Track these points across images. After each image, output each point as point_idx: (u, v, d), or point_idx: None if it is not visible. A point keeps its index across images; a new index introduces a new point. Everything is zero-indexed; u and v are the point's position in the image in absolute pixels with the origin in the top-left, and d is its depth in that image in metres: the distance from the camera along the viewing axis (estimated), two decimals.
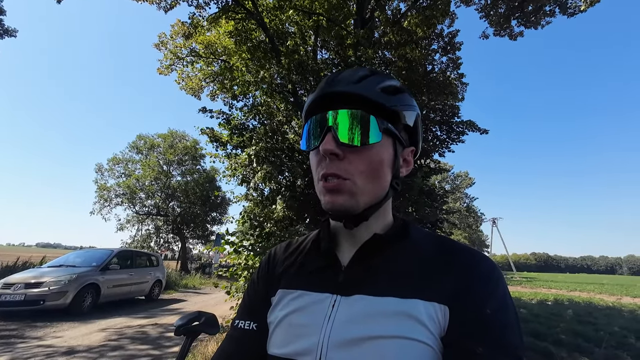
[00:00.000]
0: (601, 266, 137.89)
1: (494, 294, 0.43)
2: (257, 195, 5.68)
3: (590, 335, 5.28)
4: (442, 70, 7.85)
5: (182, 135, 21.52)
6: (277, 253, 0.62)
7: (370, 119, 0.47)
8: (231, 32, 7.55)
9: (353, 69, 0.53)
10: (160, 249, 22.03)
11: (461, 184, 45.90)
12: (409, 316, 0.42)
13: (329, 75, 0.53)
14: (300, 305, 0.50)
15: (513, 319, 0.42)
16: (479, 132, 6.57)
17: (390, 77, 0.53)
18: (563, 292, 16.05)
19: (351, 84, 0.48)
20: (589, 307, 9.64)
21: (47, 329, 4.97)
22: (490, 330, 0.40)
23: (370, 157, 0.47)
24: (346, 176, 0.46)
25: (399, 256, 0.50)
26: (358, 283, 0.48)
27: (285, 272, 0.57)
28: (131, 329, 5.29)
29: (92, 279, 6.60)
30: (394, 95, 0.50)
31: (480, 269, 0.46)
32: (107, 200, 19.62)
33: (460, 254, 0.48)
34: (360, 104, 0.48)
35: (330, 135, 0.47)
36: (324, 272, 0.52)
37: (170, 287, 11.27)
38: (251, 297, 0.59)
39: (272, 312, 0.53)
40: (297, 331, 0.47)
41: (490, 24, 7.25)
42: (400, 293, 0.44)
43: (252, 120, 5.72)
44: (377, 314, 0.43)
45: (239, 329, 0.55)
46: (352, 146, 0.46)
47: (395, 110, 0.49)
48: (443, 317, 0.42)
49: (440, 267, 0.47)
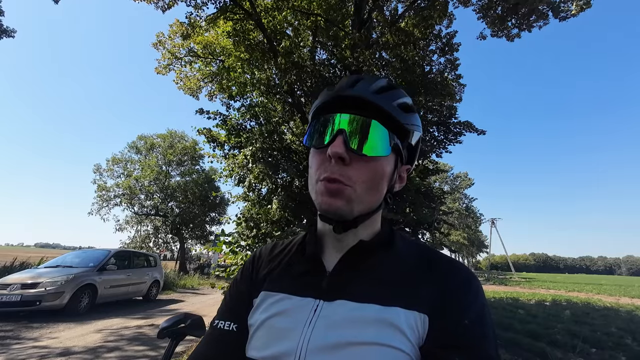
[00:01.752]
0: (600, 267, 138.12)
1: (473, 305, 0.44)
2: (254, 196, 5.68)
3: (587, 336, 5.29)
4: (439, 71, 7.86)
5: (181, 136, 21.53)
6: (262, 254, 0.62)
7: (384, 131, 0.48)
8: (229, 32, 7.55)
9: (372, 76, 0.53)
10: (159, 249, 22.01)
11: (460, 185, 45.96)
12: (389, 324, 0.42)
13: (348, 77, 0.53)
14: (282, 309, 0.49)
15: (490, 330, 0.43)
16: (477, 133, 6.58)
17: (405, 94, 0.53)
18: (561, 293, 16.07)
19: (371, 92, 0.48)
20: (587, 307, 9.65)
21: (43, 329, 4.95)
22: (467, 341, 0.41)
23: (374, 168, 0.48)
24: (348, 183, 0.46)
25: (383, 264, 0.50)
26: (341, 288, 0.48)
27: (269, 274, 0.56)
28: (128, 329, 5.27)
29: (89, 279, 6.58)
30: (407, 114, 0.51)
31: (460, 280, 0.47)
32: (105, 201, 19.60)
33: (442, 264, 0.49)
34: (376, 115, 0.48)
35: (341, 138, 0.46)
36: (308, 277, 0.52)
37: (169, 288, 11.25)
38: (233, 297, 0.58)
39: (253, 314, 0.53)
40: (277, 334, 0.47)
41: (487, 24, 7.26)
42: (382, 300, 0.45)
43: (250, 121, 5.71)
44: (358, 320, 0.43)
45: (218, 329, 0.54)
46: (360, 154, 0.47)
47: (407, 129, 0.51)
48: (422, 326, 0.43)
49: (422, 276, 0.47)
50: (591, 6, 5.80)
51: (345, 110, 0.49)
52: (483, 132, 6.56)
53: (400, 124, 0.49)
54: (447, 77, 7.44)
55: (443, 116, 6.42)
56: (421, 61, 7.06)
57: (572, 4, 6.04)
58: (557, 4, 6.08)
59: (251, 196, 5.74)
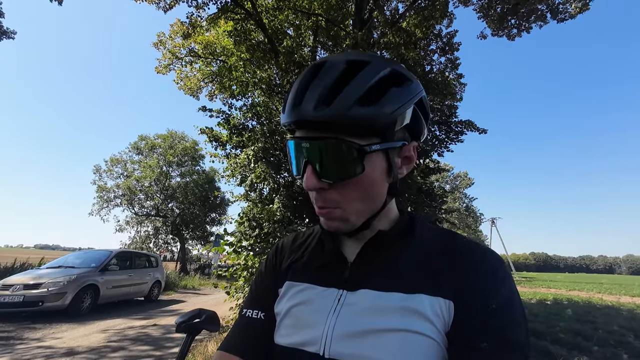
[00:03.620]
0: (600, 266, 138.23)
1: (500, 290, 0.43)
2: (256, 195, 5.68)
3: (589, 334, 5.30)
4: (440, 71, 7.88)
5: (182, 136, 21.51)
6: (285, 246, 0.63)
7: (348, 150, 0.42)
8: (230, 32, 7.58)
9: (326, 69, 0.44)
10: (159, 250, 21.99)
11: (460, 184, 45.99)
12: (414, 311, 0.42)
13: (298, 82, 0.46)
14: (307, 298, 0.50)
15: (519, 316, 0.42)
16: (478, 132, 6.60)
17: (375, 66, 0.44)
18: (562, 292, 16.08)
19: (318, 107, 0.41)
20: (588, 306, 9.66)
21: (46, 330, 4.95)
22: (495, 326, 0.40)
23: (357, 184, 0.44)
24: (336, 206, 0.45)
25: (405, 252, 0.49)
26: (364, 279, 0.48)
27: (292, 265, 0.57)
28: (131, 329, 5.27)
29: (91, 279, 6.58)
30: (380, 103, 0.42)
31: (486, 264, 0.45)
32: (106, 201, 19.59)
33: (467, 249, 0.47)
34: (337, 130, 0.42)
35: (310, 170, 0.44)
36: (330, 268, 0.52)
37: (170, 288, 11.25)
38: (259, 287, 0.60)
39: (278, 303, 0.54)
40: (302, 322, 0.48)
41: (488, 24, 7.28)
42: (405, 289, 0.44)
43: (252, 120, 5.72)
44: (382, 309, 0.43)
45: (247, 317, 0.56)
46: (333, 183, 0.44)
47: (383, 125, 0.43)
48: (448, 312, 0.42)
49: (446, 262, 0.46)
50: (589, 8, 5.83)
51: (304, 131, 0.44)
52: (484, 131, 6.57)
53: (370, 127, 0.42)
54: (448, 77, 7.46)
55: (445, 115, 6.44)
56: (422, 61, 7.08)
57: (571, 5, 6.07)
58: (555, 5, 6.10)
59: (252, 196, 5.75)
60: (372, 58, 0.46)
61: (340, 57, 0.45)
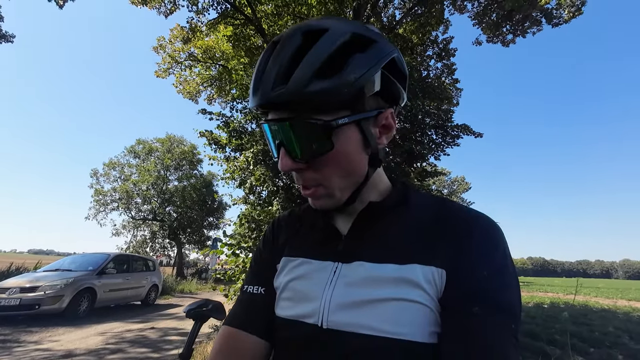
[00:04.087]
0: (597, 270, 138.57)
1: (492, 254, 0.43)
2: (255, 198, 5.72)
3: (585, 335, 5.35)
4: (437, 76, 8.01)
5: (180, 140, 21.52)
6: (281, 222, 0.65)
7: (312, 128, 0.41)
8: (230, 36, 7.67)
9: (280, 46, 0.42)
10: (156, 254, 21.83)
11: (458, 189, 46.19)
12: (407, 280, 0.42)
13: (258, 62, 0.45)
14: (303, 272, 0.52)
15: (511, 279, 0.42)
16: (474, 136, 6.68)
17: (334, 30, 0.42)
18: (559, 296, 16.15)
19: (274, 87, 0.41)
20: (585, 309, 9.72)
21: (43, 333, 4.92)
22: (486, 290, 0.40)
23: (334, 160, 0.44)
24: (316, 183, 0.46)
25: (397, 222, 0.50)
26: (358, 251, 0.49)
27: (289, 241, 0.59)
28: (129, 332, 5.25)
29: (88, 283, 6.55)
30: (342, 72, 0.40)
31: (479, 230, 0.45)
32: (102, 205, 19.48)
33: (460, 216, 0.47)
34: (298, 108, 0.41)
35: (283, 151, 0.44)
36: (325, 242, 0.54)
37: (166, 293, 11.18)
38: (258, 264, 0.62)
39: (277, 277, 0.56)
40: (301, 295, 0.50)
41: (483, 30, 7.43)
42: (398, 259, 0.45)
43: (251, 123, 5.78)
44: (377, 279, 0.44)
45: (247, 293, 0.58)
46: (306, 161, 0.44)
47: (348, 94, 0.40)
48: (440, 280, 0.42)
49: (438, 231, 0.46)
50: (582, 13, 6.00)
51: (272, 112, 0.45)
52: (480, 135, 6.66)
53: (329, 102, 0.41)
54: (445, 82, 7.58)
55: (441, 119, 6.53)
56: (419, 66, 7.20)
57: (564, 10, 6.23)
58: (549, 10, 6.26)
59: (252, 199, 5.78)
60: (331, 24, 0.43)
61: (295, 29, 0.43)
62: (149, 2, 7.26)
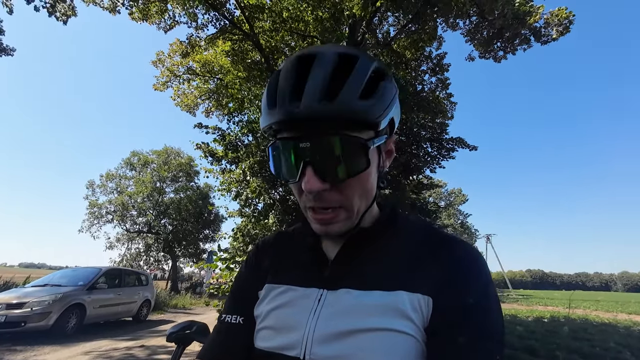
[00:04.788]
0: (596, 283, 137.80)
1: (476, 282, 0.44)
2: (251, 211, 5.68)
3: (586, 351, 5.24)
4: (431, 90, 8.17)
5: (177, 152, 21.53)
6: (265, 245, 0.62)
7: (355, 145, 0.41)
8: (228, 51, 7.81)
9: (320, 59, 0.42)
10: (150, 268, 21.42)
11: (455, 201, 46.34)
12: (394, 309, 0.42)
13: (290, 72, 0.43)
14: (287, 300, 0.49)
15: (494, 305, 0.43)
16: (469, 149, 6.77)
17: (365, 59, 0.44)
18: (559, 309, 15.95)
19: (323, 99, 0.40)
20: (585, 323, 9.58)
21: (28, 352, 4.72)
22: (471, 319, 0.41)
23: (360, 180, 0.44)
24: (338, 205, 0.44)
25: (385, 248, 0.50)
26: (344, 277, 0.48)
27: (273, 266, 0.57)
28: (117, 351, 5.06)
29: (77, 298, 6.35)
30: (377, 97, 0.43)
31: (463, 258, 0.46)
32: (97, 218, 19.24)
33: (445, 243, 0.48)
34: (340, 125, 0.41)
35: (311, 171, 0.41)
36: (311, 267, 0.52)
37: (159, 308, 10.88)
38: (238, 290, 0.59)
39: (258, 305, 0.53)
40: (283, 325, 0.47)
41: (475, 47, 7.64)
42: (386, 286, 0.44)
43: (247, 136, 5.81)
44: (362, 308, 0.43)
45: (225, 323, 0.55)
46: (338, 182, 0.43)
47: (382, 120, 0.43)
48: (427, 307, 0.42)
49: (425, 257, 0.47)
50: (570, 31, 6.20)
51: (301, 131, 0.42)
52: (475, 148, 6.75)
53: (370, 122, 0.42)
54: (439, 96, 7.72)
55: (436, 132, 6.62)
56: (413, 81, 7.35)
57: (553, 29, 6.44)
58: (538, 29, 6.47)
59: (247, 211, 5.74)
60: (359, 52, 0.45)
61: (329, 49, 0.44)
62: (149, 18, 7.42)
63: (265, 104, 0.45)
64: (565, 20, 6.22)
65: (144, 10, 6.83)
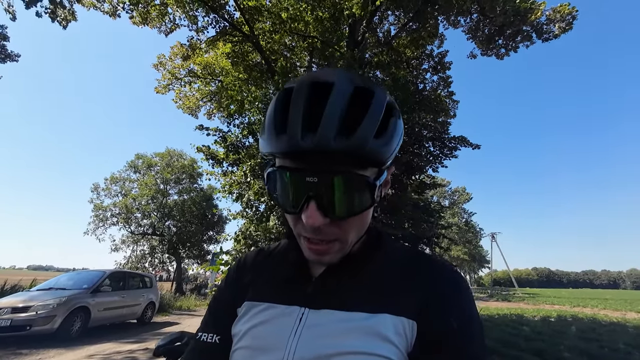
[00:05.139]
0: (604, 281, 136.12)
1: (459, 307, 0.44)
2: (253, 213, 5.67)
3: (594, 352, 5.15)
4: (433, 89, 8.10)
5: (180, 154, 21.65)
6: (247, 261, 0.60)
7: (363, 184, 0.40)
8: (228, 53, 7.82)
9: (335, 93, 0.39)
10: (155, 269, 21.56)
11: (459, 199, 46.05)
12: (376, 332, 0.41)
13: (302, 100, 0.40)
14: (266, 318, 0.48)
15: (477, 331, 0.43)
16: (471, 147, 6.69)
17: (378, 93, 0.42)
18: (566, 308, 15.75)
19: (338, 135, 0.37)
20: (593, 322, 9.44)
21: (33, 356, 4.76)
22: (455, 344, 0.41)
23: (361, 216, 0.43)
24: (334, 239, 0.43)
25: (370, 270, 0.49)
26: (327, 296, 0.47)
27: (254, 282, 0.55)
28: (120, 354, 5.08)
29: (82, 301, 6.39)
30: (389, 135, 0.41)
31: (446, 283, 0.47)
32: (102, 220, 19.40)
33: (429, 267, 0.49)
34: (350, 162, 0.39)
35: (314, 206, 0.39)
36: (293, 283, 0.51)
37: (164, 310, 10.92)
38: (217, 307, 0.56)
39: (236, 323, 0.51)
40: (261, 345, 0.45)
41: (477, 44, 7.56)
42: (369, 308, 0.44)
43: (248, 138, 5.81)
44: (345, 330, 0.42)
45: (201, 342, 0.52)
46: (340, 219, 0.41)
47: (389, 157, 0.42)
48: (411, 332, 0.42)
49: (409, 281, 0.47)
50: (572, 27, 6.11)
51: (308, 164, 0.40)
52: (477, 147, 6.66)
53: (383, 161, 0.41)
54: (440, 94, 7.65)
55: (438, 131, 6.55)
56: (414, 79, 7.29)
57: (555, 25, 6.35)
58: (540, 25, 6.38)
59: (249, 213, 5.73)
60: (375, 87, 0.43)
61: (346, 79, 0.41)
62: (149, 22, 7.45)
63: (270, 127, 0.41)
64: (568, 16, 6.13)
65: (144, 14, 6.85)
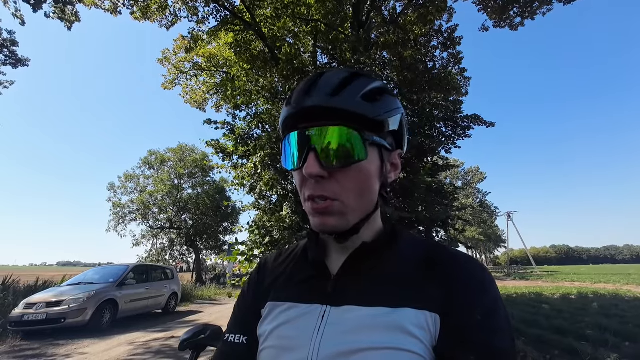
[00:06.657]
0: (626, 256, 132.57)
1: (484, 299, 0.43)
2: (265, 203, 5.72)
3: (617, 329, 5.06)
4: (443, 67, 7.79)
5: (192, 149, 21.98)
6: (268, 263, 0.62)
7: (354, 135, 0.45)
8: (231, 43, 7.71)
9: (332, 72, 0.49)
10: (175, 261, 22.39)
11: (473, 180, 45.19)
12: (400, 326, 0.41)
13: (305, 81, 0.49)
14: (290, 318, 0.49)
15: (504, 323, 0.42)
16: (485, 126, 6.45)
17: (371, 78, 0.50)
18: (587, 285, 15.48)
19: (329, 95, 0.45)
20: (616, 299, 9.26)
21: (70, 346, 5.07)
22: (481, 337, 0.41)
23: (357, 174, 0.46)
24: (334, 197, 0.45)
25: (389, 264, 0.49)
26: (347, 292, 0.47)
27: (275, 283, 0.56)
28: (151, 342, 5.35)
29: (109, 294, 6.73)
30: (377, 102, 0.48)
31: (469, 274, 0.46)
32: (121, 217, 20.11)
33: (449, 260, 0.48)
34: (342, 118, 0.45)
35: (313, 156, 0.44)
36: (313, 282, 0.52)
37: (186, 299, 11.38)
38: (241, 309, 0.59)
39: (261, 324, 0.53)
40: (286, 345, 0.46)
41: (488, 15, 7.16)
42: (390, 302, 0.44)
43: (256, 129, 5.78)
44: (367, 325, 0.43)
45: (228, 343, 0.54)
46: (336, 167, 0.45)
47: (378, 121, 0.47)
48: (434, 325, 0.42)
49: (429, 274, 0.46)
50: None
51: (310, 121, 0.46)
52: (492, 125, 6.43)
53: (369, 119, 0.46)
54: (451, 72, 7.35)
55: (450, 111, 6.33)
56: (423, 58, 7.01)
57: None
58: None
59: (262, 204, 5.78)
60: (370, 75, 0.52)
61: (344, 70, 0.51)
62: (150, 16, 7.39)
63: (285, 105, 0.50)
64: None
65: (145, 9, 6.79)
